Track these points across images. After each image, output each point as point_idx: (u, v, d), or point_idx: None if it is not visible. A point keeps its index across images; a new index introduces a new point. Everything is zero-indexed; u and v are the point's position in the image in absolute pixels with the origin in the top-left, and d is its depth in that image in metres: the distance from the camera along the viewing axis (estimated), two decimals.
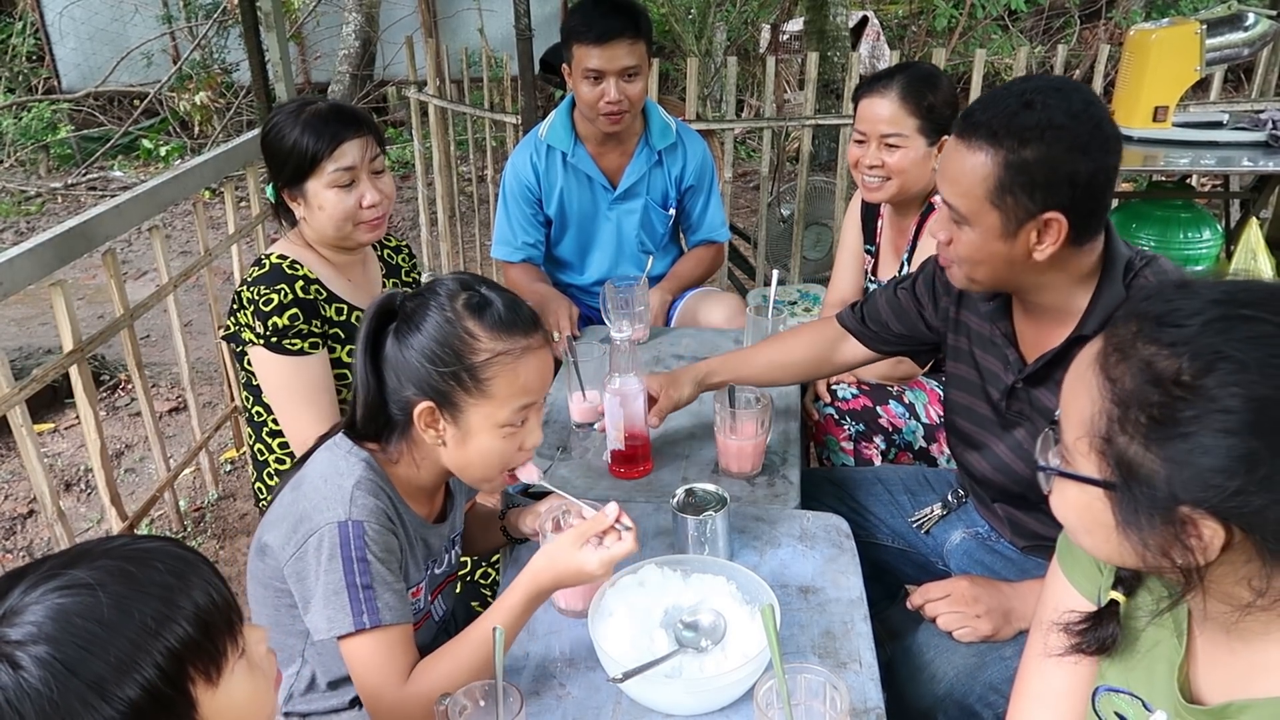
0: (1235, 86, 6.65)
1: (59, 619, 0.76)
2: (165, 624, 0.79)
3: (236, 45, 7.00)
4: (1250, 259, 3.09)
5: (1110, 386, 0.83)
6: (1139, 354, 0.82)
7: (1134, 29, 3.09)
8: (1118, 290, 1.33)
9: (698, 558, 1.36)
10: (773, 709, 1.06)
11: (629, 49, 2.29)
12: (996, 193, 1.29)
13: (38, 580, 0.79)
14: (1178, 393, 0.78)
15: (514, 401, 1.25)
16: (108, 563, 0.80)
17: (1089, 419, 0.85)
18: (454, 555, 1.51)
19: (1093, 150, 1.27)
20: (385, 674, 1.22)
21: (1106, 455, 0.84)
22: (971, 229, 1.34)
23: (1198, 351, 0.78)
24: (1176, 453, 0.79)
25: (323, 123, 1.78)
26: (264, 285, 1.78)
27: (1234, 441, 0.76)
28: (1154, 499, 0.81)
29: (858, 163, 2.07)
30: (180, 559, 0.84)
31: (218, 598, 0.84)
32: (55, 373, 2.24)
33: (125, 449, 3.41)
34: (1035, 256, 1.32)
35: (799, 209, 4.02)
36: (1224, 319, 0.79)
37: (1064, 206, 1.27)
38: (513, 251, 2.59)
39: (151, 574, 0.81)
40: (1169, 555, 0.82)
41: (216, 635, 0.82)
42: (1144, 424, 0.80)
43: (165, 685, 0.78)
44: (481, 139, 4.63)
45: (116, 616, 0.77)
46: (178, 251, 5.59)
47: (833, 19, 5.47)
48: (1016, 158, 1.26)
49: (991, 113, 1.30)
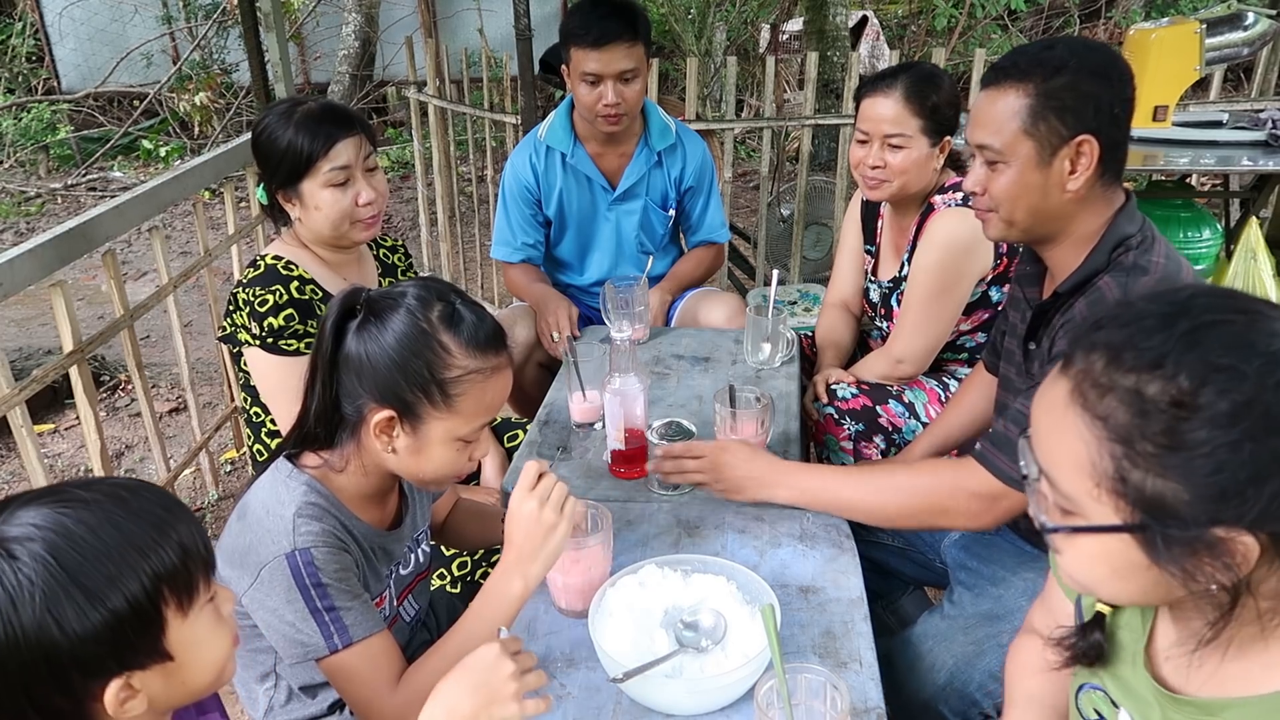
0: (1235, 86, 6.65)
1: (57, 524, 0.82)
2: (153, 546, 0.85)
3: (236, 46, 7.00)
4: (1250, 258, 3.09)
5: (1103, 424, 0.79)
6: (1121, 384, 0.78)
7: (1133, 28, 3.09)
8: (1101, 257, 1.40)
9: (698, 557, 1.36)
10: (773, 709, 1.06)
11: (627, 52, 2.29)
12: (1030, 121, 1.37)
13: (36, 496, 0.85)
14: (1180, 414, 0.75)
15: (477, 419, 1.24)
16: (104, 487, 0.87)
17: (1089, 463, 0.80)
18: (421, 554, 1.49)
19: (1113, 78, 1.37)
20: (373, 685, 1.22)
21: (1124, 495, 0.79)
22: (1008, 165, 1.41)
23: (1184, 367, 0.76)
24: (1196, 475, 0.75)
25: (316, 123, 1.78)
26: (259, 286, 1.78)
27: (1251, 448, 0.74)
28: (1186, 527, 0.77)
29: (860, 163, 2.07)
30: (168, 498, 0.91)
31: (199, 537, 0.90)
32: (55, 373, 2.24)
33: (125, 449, 3.41)
34: (1069, 187, 1.39)
35: (799, 209, 4.02)
36: (1193, 330, 0.77)
37: (1093, 130, 1.35)
38: (512, 252, 2.59)
39: (143, 503, 0.87)
40: (1212, 579, 0.78)
41: (194, 569, 0.88)
42: (1155, 453, 0.76)
43: (145, 600, 0.83)
44: (481, 139, 4.63)
45: (110, 530, 0.83)
46: (178, 252, 5.59)
47: (832, 19, 5.47)
48: (1046, 86, 1.36)
49: (1017, 58, 1.41)
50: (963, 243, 1.99)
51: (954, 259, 1.99)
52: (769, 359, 2.11)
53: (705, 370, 2.13)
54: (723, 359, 2.19)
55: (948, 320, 2.05)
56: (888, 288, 2.21)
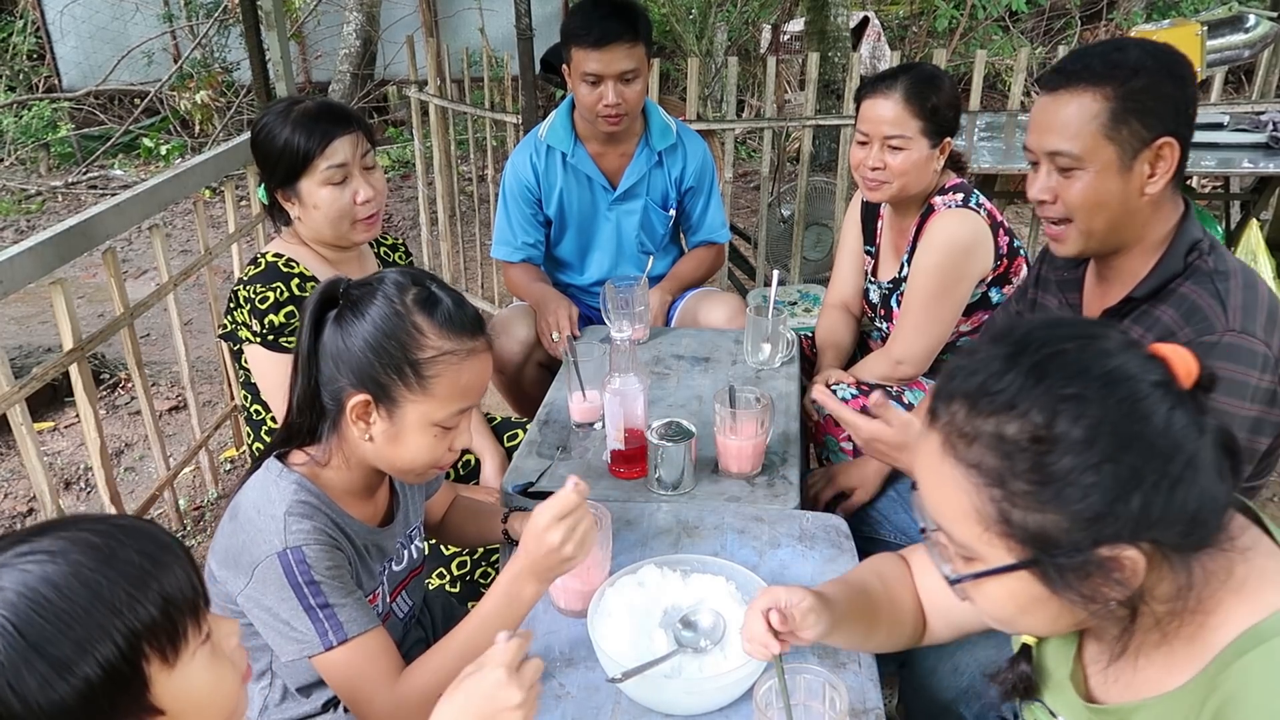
0: (1236, 88, 6.65)
1: (21, 585, 0.74)
2: (129, 603, 0.77)
3: (237, 44, 6.99)
4: (1250, 260, 3.08)
5: (976, 472, 0.83)
6: (984, 430, 0.82)
7: (1134, 30, 3.10)
8: (1176, 262, 1.38)
9: (697, 558, 1.36)
10: (772, 709, 1.06)
11: (627, 52, 2.29)
12: (1111, 125, 1.33)
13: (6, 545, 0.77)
14: (1040, 449, 0.79)
15: (453, 404, 1.24)
16: (76, 534, 0.79)
17: (974, 511, 0.84)
18: (414, 550, 1.49)
19: (1187, 79, 1.35)
20: (371, 681, 1.22)
21: (1012, 535, 0.83)
22: (1086, 171, 1.37)
23: (1035, 403, 0.79)
24: (1069, 503, 0.79)
25: (313, 121, 1.78)
26: (260, 284, 1.78)
27: (1111, 468, 0.78)
28: (1072, 554, 0.81)
29: (860, 164, 2.07)
30: (150, 539, 0.82)
31: (184, 581, 0.82)
32: (55, 371, 2.24)
33: (125, 447, 3.41)
34: (1148, 191, 1.36)
35: (799, 209, 4.02)
36: (1034, 365, 0.81)
37: (1173, 131, 1.33)
38: (512, 251, 2.59)
39: (119, 550, 0.79)
40: (1107, 597, 0.83)
41: (179, 617, 0.81)
42: (1028, 490, 0.80)
43: (121, 663, 0.76)
44: (482, 139, 4.63)
45: (79, 589, 0.75)
46: (178, 250, 5.59)
47: (833, 19, 5.46)
48: (1127, 88, 1.32)
49: (1085, 61, 1.36)
50: (963, 244, 1.99)
51: (954, 260, 1.99)
52: (769, 359, 2.11)
53: (705, 370, 2.13)
54: (723, 359, 2.19)
55: (948, 321, 2.05)
56: (887, 288, 2.21)
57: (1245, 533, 0.87)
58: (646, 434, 1.64)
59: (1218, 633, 0.83)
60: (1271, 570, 0.85)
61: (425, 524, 1.56)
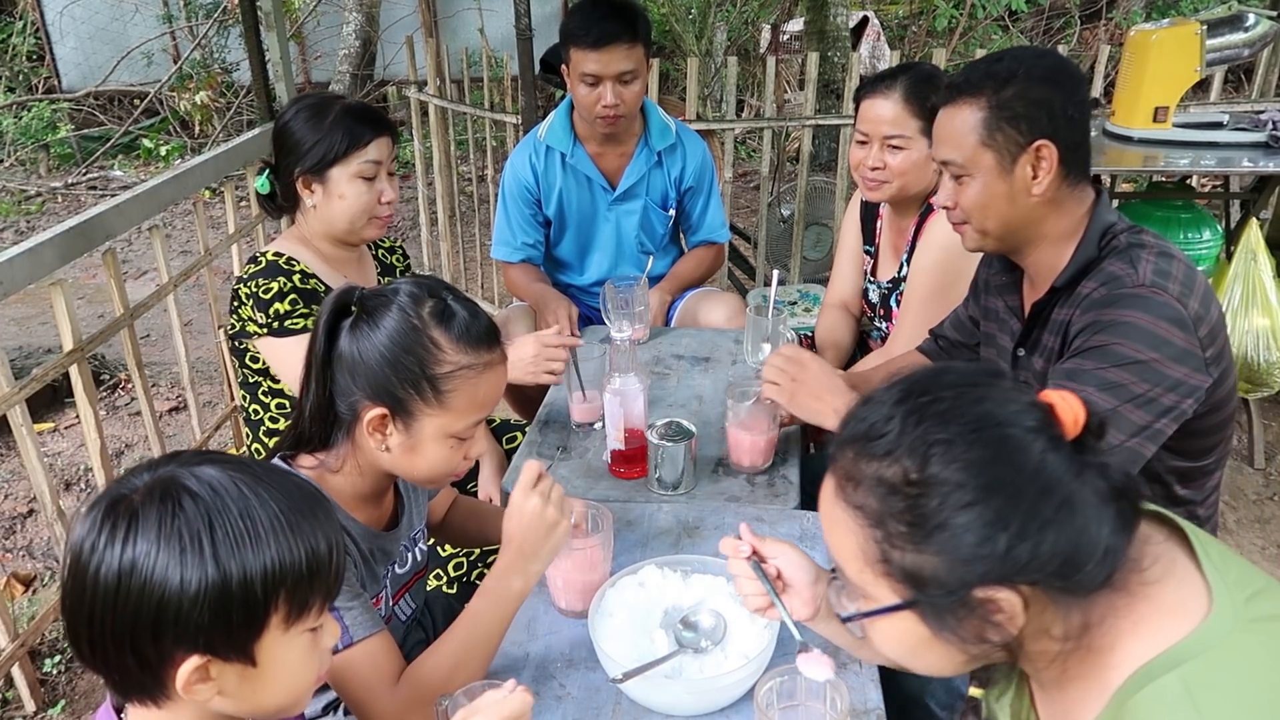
0: (1235, 87, 6.65)
1: (230, 490, 0.84)
2: (288, 545, 0.84)
3: (237, 45, 6.99)
4: (1250, 260, 3.08)
5: (860, 513, 0.85)
6: (866, 473, 0.85)
7: (1134, 29, 3.09)
8: (1090, 248, 1.44)
9: (698, 558, 1.36)
10: (772, 709, 1.06)
11: (626, 53, 2.29)
12: (986, 133, 1.42)
13: (230, 460, 0.88)
14: (914, 492, 0.82)
15: (470, 416, 1.24)
16: (286, 479, 0.90)
17: (860, 551, 0.86)
18: (418, 552, 1.49)
19: (1062, 81, 1.42)
20: (373, 684, 1.21)
21: (893, 575, 0.85)
22: (973, 178, 1.46)
23: (910, 448, 0.82)
24: (942, 544, 0.81)
25: (357, 114, 1.86)
26: (262, 278, 1.81)
27: (979, 509, 0.79)
28: (948, 595, 0.82)
29: (860, 164, 2.07)
30: (329, 515, 0.91)
31: (335, 564, 0.90)
32: (55, 372, 2.24)
33: (125, 448, 3.41)
34: (1034, 191, 1.43)
35: (799, 209, 4.02)
36: (913, 411, 0.84)
37: (1049, 134, 1.40)
38: (512, 252, 2.59)
39: (306, 504, 0.88)
40: (987, 639, 0.84)
41: (315, 587, 0.87)
42: (905, 532, 0.83)
43: (258, 589, 0.82)
44: (481, 139, 4.63)
45: (260, 511, 0.84)
46: (178, 251, 5.59)
47: (833, 19, 5.47)
48: (997, 98, 1.41)
49: (968, 74, 1.47)
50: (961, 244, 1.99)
51: (953, 260, 1.99)
52: None
53: (705, 370, 2.13)
54: (723, 359, 2.19)
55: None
56: (887, 288, 2.21)
57: (1157, 563, 0.86)
58: (646, 434, 1.64)
59: (1115, 671, 0.83)
60: (1173, 602, 0.84)
61: (426, 524, 1.56)
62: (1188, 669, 0.79)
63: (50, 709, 2.26)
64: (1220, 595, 0.83)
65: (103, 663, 0.85)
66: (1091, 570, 0.80)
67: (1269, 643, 0.81)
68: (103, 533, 0.82)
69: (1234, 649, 0.80)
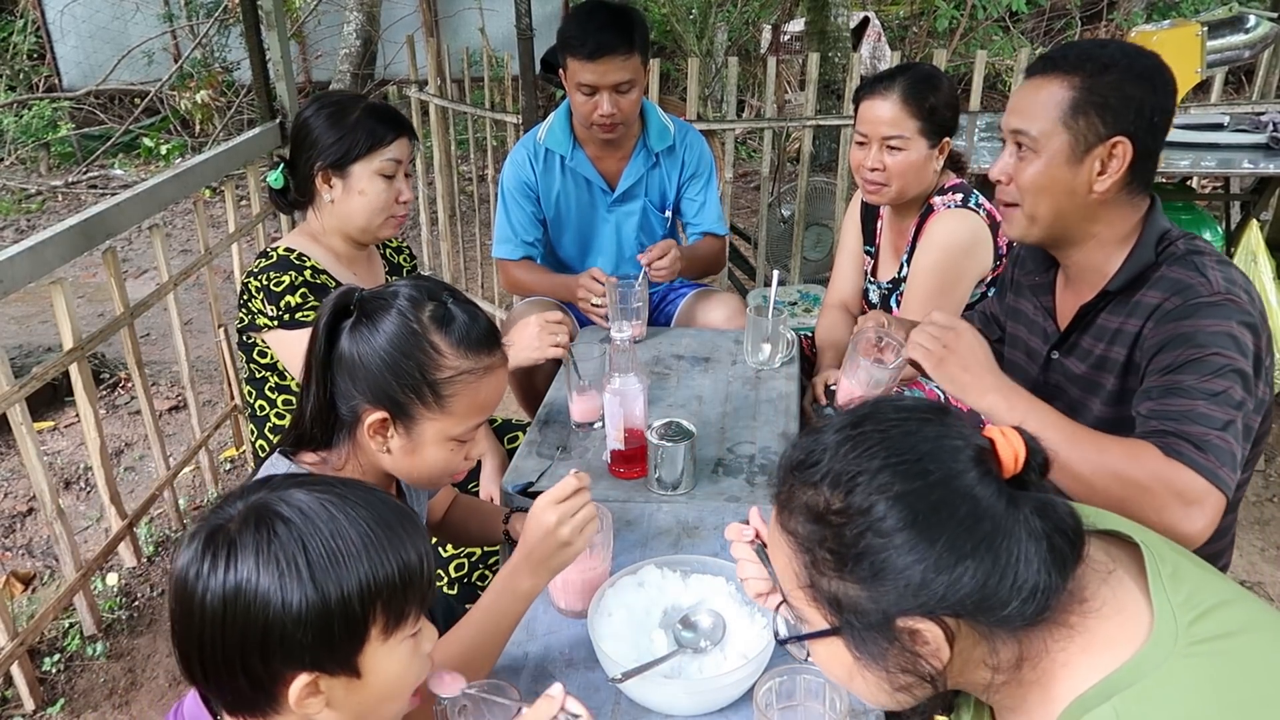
0: (1236, 88, 6.65)
1: (320, 512, 0.87)
2: (379, 559, 0.87)
3: (237, 44, 6.99)
4: (1250, 261, 3.09)
5: (792, 539, 0.87)
6: (799, 500, 0.86)
7: (1135, 30, 3.09)
8: (1148, 253, 1.39)
9: (697, 558, 1.36)
10: (771, 709, 1.06)
11: (622, 64, 2.28)
12: (1070, 114, 1.36)
13: (311, 482, 0.92)
14: (838, 520, 0.83)
15: (471, 419, 1.24)
16: (369, 493, 0.93)
17: (794, 575, 0.88)
18: None
19: (1158, 85, 1.36)
20: None
21: (821, 601, 0.86)
22: (1038, 155, 1.39)
23: (836, 478, 0.83)
24: (864, 573, 0.81)
25: (383, 113, 1.89)
26: (272, 271, 1.81)
27: (899, 540, 0.80)
28: (871, 624, 0.83)
29: (860, 165, 2.07)
30: (413, 523, 0.93)
31: (426, 572, 0.92)
32: (55, 371, 2.24)
33: (125, 447, 3.41)
34: (1095, 189, 1.38)
35: (799, 209, 4.02)
36: (845, 441, 0.85)
37: (1130, 132, 1.35)
38: (514, 249, 2.58)
39: (390, 516, 0.91)
40: (915, 670, 0.83)
41: (410, 597, 0.90)
42: (830, 559, 0.83)
43: (356, 605, 0.86)
44: (482, 138, 4.63)
45: (349, 529, 0.87)
46: (178, 250, 5.59)
47: (834, 20, 5.46)
48: (1091, 81, 1.35)
49: (1067, 51, 1.40)
50: (962, 244, 1.99)
51: (953, 260, 1.99)
52: (769, 359, 2.11)
53: (705, 370, 2.13)
54: (723, 359, 2.19)
55: None
56: (887, 289, 2.21)
57: (1101, 589, 0.85)
58: (646, 434, 1.64)
59: (1055, 704, 0.83)
60: (1110, 633, 0.83)
61: (427, 523, 1.56)
62: (1120, 699, 0.79)
63: (49, 707, 2.26)
64: (1163, 620, 0.82)
65: (215, 684, 0.88)
66: (1017, 607, 0.80)
67: (1204, 667, 0.80)
68: (205, 561, 0.85)
69: (1168, 677, 0.79)
